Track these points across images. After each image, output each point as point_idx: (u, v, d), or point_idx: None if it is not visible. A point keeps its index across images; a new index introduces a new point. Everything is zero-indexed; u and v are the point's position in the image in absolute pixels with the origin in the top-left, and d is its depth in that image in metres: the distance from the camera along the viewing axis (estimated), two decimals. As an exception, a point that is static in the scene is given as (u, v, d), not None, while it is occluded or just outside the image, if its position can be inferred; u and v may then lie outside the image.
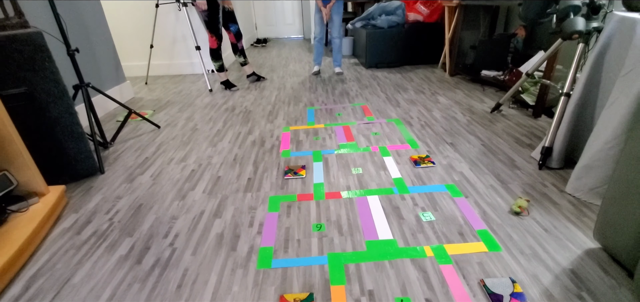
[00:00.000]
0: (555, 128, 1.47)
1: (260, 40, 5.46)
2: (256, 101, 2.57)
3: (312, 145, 1.79)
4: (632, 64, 1.14)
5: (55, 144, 1.43)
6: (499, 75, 2.62)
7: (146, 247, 1.12)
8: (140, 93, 2.93)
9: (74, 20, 2.19)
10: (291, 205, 1.30)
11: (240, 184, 1.46)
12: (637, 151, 0.87)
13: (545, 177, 1.42)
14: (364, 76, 3.18)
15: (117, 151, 1.82)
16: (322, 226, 1.18)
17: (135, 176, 1.56)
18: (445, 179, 1.43)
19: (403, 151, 1.69)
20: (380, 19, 3.40)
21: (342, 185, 1.42)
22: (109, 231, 1.20)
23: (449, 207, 1.25)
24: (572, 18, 1.35)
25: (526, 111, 2.12)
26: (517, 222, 1.16)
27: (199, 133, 2.01)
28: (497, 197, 1.30)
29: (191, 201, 1.35)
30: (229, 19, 2.76)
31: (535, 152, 1.58)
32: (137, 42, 3.34)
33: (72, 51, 1.64)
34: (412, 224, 1.16)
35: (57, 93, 1.37)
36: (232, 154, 1.73)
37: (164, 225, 1.22)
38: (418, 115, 2.14)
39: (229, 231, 1.17)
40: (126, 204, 1.35)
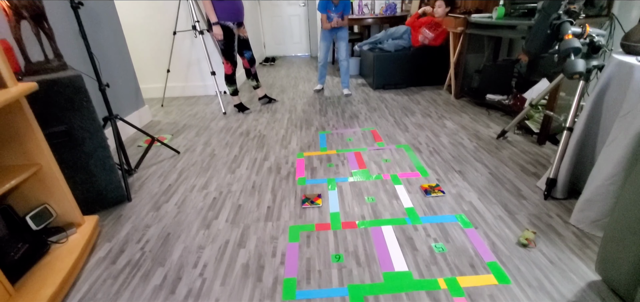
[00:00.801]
0: (559, 160, 1.55)
1: (269, 58, 5.62)
2: (269, 125, 2.68)
3: (326, 173, 1.88)
4: (630, 105, 1.23)
5: (89, 176, 1.53)
6: (503, 100, 2.71)
7: (178, 277, 1.20)
8: (157, 116, 3.05)
9: (99, 52, 2.32)
10: (310, 235, 1.38)
11: (260, 213, 1.54)
12: (632, 196, 0.95)
13: (550, 208, 1.49)
14: (372, 98, 3.28)
15: (141, 177, 1.92)
16: (340, 256, 1.26)
17: (160, 203, 1.66)
18: (455, 209, 1.51)
19: (414, 179, 1.77)
20: (387, 43, 3.53)
21: (357, 214, 1.50)
22: (142, 260, 1.29)
23: (460, 238, 1.32)
24: (573, 60, 1.44)
25: (531, 138, 2.20)
26: (524, 254, 1.23)
27: (217, 159, 2.11)
28: (505, 228, 1.37)
29: (216, 230, 1.44)
30: (243, 46, 2.89)
31: (541, 182, 1.66)
32: (154, 65, 3.48)
33: (103, 87, 1.76)
34: (425, 256, 1.24)
35: (92, 130, 1.48)
36: (250, 182, 1.82)
37: (192, 254, 1.30)
38: (426, 141, 2.23)
39: (254, 261, 1.25)
40: (155, 233, 1.44)
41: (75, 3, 1.53)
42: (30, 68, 1.40)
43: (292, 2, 5.78)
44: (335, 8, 3.15)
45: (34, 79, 1.34)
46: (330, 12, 3.17)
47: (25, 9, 1.32)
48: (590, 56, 1.56)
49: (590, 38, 1.55)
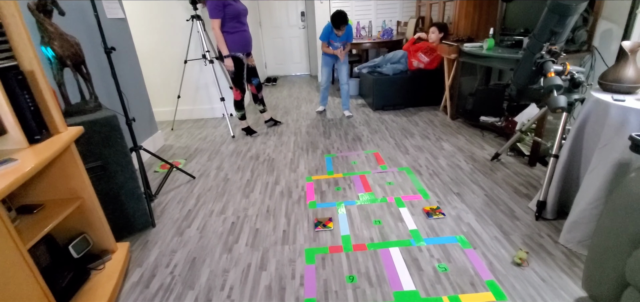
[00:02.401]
0: (548, 184, 1.71)
1: (271, 78, 5.82)
2: (277, 148, 2.83)
3: (335, 196, 2.02)
4: (607, 139, 1.40)
5: (120, 205, 1.66)
6: (496, 122, 2.90)
7: (208, 299, 1.33)
8: (169, 140, 3.19)
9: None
10: (325, 257, 1.52)
11: (277, 237, 1.68)
12: (608, 223, 1.11)
13: (541, 228, 1.64)
14: (373, 119, 3.46)
15: (161, 203, 2.05)
16: (354, 277, 1.39)
17: (183, 229, 1.78)
18: (455, 230, 1.66)
19: (416, 202, 1.92)
20: (386, 67, 3.73)
21: (366, 237, 1.64)
22: (173, 284, 1.41)
23: (460, 258, 1.47)
24: (556, 96, 1.62)
25: (522, 159, 2.37)
26: (519, 273, 1.38)
27: (231, 183, 2.25)
28: (500, 248, 1.52)
29: (237, 254, 1.57)
30: (251, 73, 3.07)
31: (532, 203, 1.82)
32: (165, 90, 3.64)
33: (129, 121, 1.91)
34: (430, 275, 1.38)
35: (124, 163, 1.62)
36: (264, 206, 1.96)
37: (218, 278, 1.43)
38: (426, 163, 2.39)
39: (276, 283, 1.38)
40: (182, 258, 1.56)
41: (108, 49, 1.69)
42: (70, 110, 1.55)
43: (292, 24, 6.03)
44: (339, 38, 3.35)
45: (75, 120, 1.48)
46: (333, 42, 3.37)
47: (70, 58, 1.47)
48: (571, 91, 1.75)
49: (571, 75, 1.74)
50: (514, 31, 2.76)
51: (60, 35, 1.51)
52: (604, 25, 2.17)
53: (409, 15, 4.99)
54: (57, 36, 1.49)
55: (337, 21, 3.21)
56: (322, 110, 3.86)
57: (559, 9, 1.62)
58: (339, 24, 3.22)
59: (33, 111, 1.21)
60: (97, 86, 2.14)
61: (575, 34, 2.14)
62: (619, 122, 1.37)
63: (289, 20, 6.00)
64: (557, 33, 1.70)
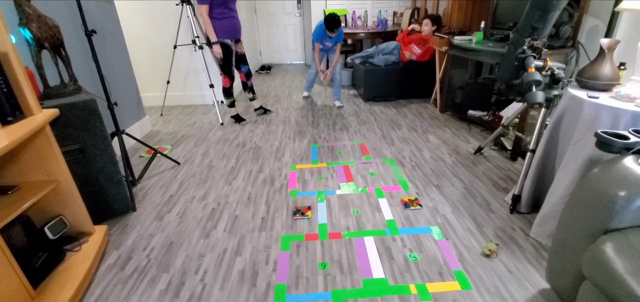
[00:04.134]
0: (523, 178, 1.74)
1: (265, 66, 5.78)
2: (264, 136, 2.84)
3: (316, 185, 2.04)
4: (580, 135, 1.42)
5: (99, 189, 1.67)
6: (483, 116, 2.91)
7: (181, 282, 1.35)
8: (157, 125, 3.19)
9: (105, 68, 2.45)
10: (300, 244, 1.55)
11: (255, 224, 1.70)
12: (569, 218, 1.13)
13: (514, 221, 1.67)
14: (362, 110, 3.46)
15: (144, 188, 2.07)
16: (326, 264, 1.42)
17: (163, 214, 1.81)
18: (430, 221, 1.68)
19: (395, 193, 1.94)
20: (378, 57, 3.72)
21: (343, 226, 1.67)
22: (148, 267, 1.44)
23: (432, 248, 1.50)
24: (534, 92, 1.63)
25: (505, 153, 2.40)
26: (487, 264, 1.41)
27: (215, 170, 2.27)
28: (472, 239, 1.55)
29: (214, 239, 1.59)
30: (240, 61, 3.05)
31: (508, 197, 1.84)
32: (154, 76, 3.62)
33: (111, 105, 1.90)
34: (400, 264, 1.41)
35: (103, 147, 1.63)
36: (246, 193, 1.98)
37: (193, 262, 1.46)
38: (410, 155, 2.41)
39: (249, 268, 1.41)
40: (159, 242, 1.59)
41: (88, 32, 1.68)
42: (48, 92, 1.54)
43: (287, 12, 5.96)
44: (331, 39, 3.38)
45: (53, 103, 1.48)
46: (326, 42, 3.42)
47: (47, 40, 1.46)
48: (551, 87, 1.76)
49: (551, 71, 1.74)
50: (504, 25, 2.75)
51: (39, 17, 1.49)
52: (590, 22, 2.17)
53: (405, 6, 4.94)
54: (35, 18, 1.48)
55: (331, 24, 3.20)
56: (307, 96, 3.98)
57: (541, 5, 1.61)
58: (332, 27, 3.22)
59: (6, 93, 1.21)
60: (82, 70, 2.13)
61: (559, 29, 2.14)
62: (591, 119, 1.38)
63: (284, 8, 5.93)
64: (539, 28, 1.70)
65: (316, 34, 3.40)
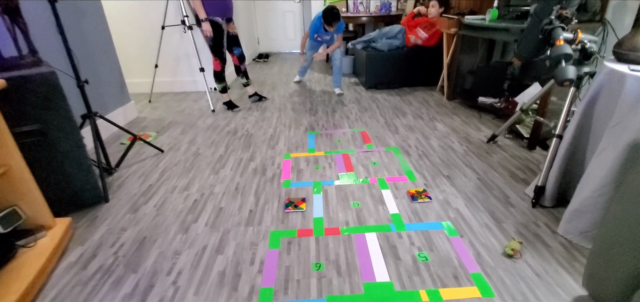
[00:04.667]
0: (548, 167, 1.52)
1: (263, 55, 5.54)
2: (257, 123, 2.62)
3: (313, 175, 1.83)
4: (620, 116, 1.20)
5: (64, 177, 1.47)
6: (495, 103, 2.68)
7: (150, 285, 1.15)
8: (143, 112, 2.98)
9: (83, 46, 2.24)
10: (291, 241, 1.34)
11: (242, 217, 1.50)
12: (620, 212, 0.92)
13: (538, 217, 1.46)
14: (364, 98, 3.24)
15: (121, 176, 1.86)
16: (321, 265, 1.22)
17: (139, 205, 1.60)
18: (441, 215, 1.47)
19: (401, 184, 1.73)
20: (381, 42, 3.48)
21: (341, 220, 1.46)
22: (114, 266, 1.24)
23: (444, 247, 1.29)
24: (564, 66, 1.41)
25: (521, 142, 2.18)
26: (510, 266, 1.20)
27: (201, 158, 2.06)
28: (491, 237, 1.34)
29: (194, 234, 1.39)
30: (232, 42, 2.83)
31: (529, 189, 1.63)
32: (142, 60, 3.40)
33: (81, 83, 1.69)
34: (408, 266, 1.20)
35: (68, 129, 1.42)
36: (233, 183, 1.77)
37: (167, 260, 1.25)
38: (416, 144, 2.19)
39: (231, 268, 1.21)
40: (131, 237, 1.39)
41: (50, -4, 1.46)
42: (2, 64, 1.33)
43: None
44: (327, 33, 3.20)
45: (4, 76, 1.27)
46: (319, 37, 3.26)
47: None
48: (581, 63, 1.53)
49: (581, 44, 1.51)
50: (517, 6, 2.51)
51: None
52: (619, -5, 1.93)
53: (409, -10, 4.69)
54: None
55: (329, 18, 3.00)
56: (299, 81, 3.91)
57: (573, -36, 1.39)
58: (330, 20, 3.01)
59: None
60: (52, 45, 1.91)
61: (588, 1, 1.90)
62: (636, 97, 1.16)
63: (283, -7, 5.68)
64: (569, -6, 1.47)
65: (313, 28, 3.22)
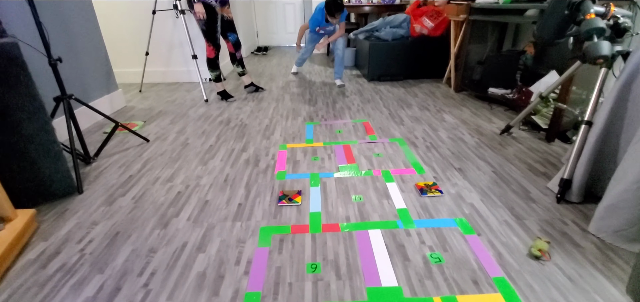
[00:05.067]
0: (576, 158, 1.35)
1: (261, 48, 5.38)
2: (253, 114, 2.46)
3: (310, 167, 1.67)
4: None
5: (29, 164, 1.30)
6: (507, 94, 2.51)
7: (117, 287, 0.99)
8: (132, 101, 2.82)
9: (60, 24, 2.08)
10: (284, 238, 1.17)
11: (229, 211, 1.33)
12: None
13: (564, 213, 1.29)
14: (366, 89, 3.07)
15: (100, 166, 1.70)
16: (317, 266, 1.05)
17: (116, 197, 1.44)
18: (454, 211, 1.30)
19: (408, 176, 1.56)
20: (385, 31, 3.31)
21: (341, 215, 1.29)
22: (79, 265, 1.07)
23: (460, 247, 1.12)
24: (597, 42, 1.24)
25: (538, 134, 2.00)
26: (537, 269, 1.03)
27: (189, 148, 1.89)
28: (512, 235, 1.17)
29: (174, 230, 1.22)
30: (228, 28, 2.66)
31: (552, 183, 1.46)
32: (133, 48, 3.24)
33: (54, 61, 1.53)
34: (419, 268, 1.03)
35: (32, 109, 1.25)
36: (223, 174, 1.60)
37: (140, 259, 1.09)
38: (423, 135, 2.02)
39: (213, 269, 1.04)
40: (102, 232, 1.22)
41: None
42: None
43: (287, -10, 5.54)
44: (329, 24, 3.05)
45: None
46: (320, 30, 3.11)
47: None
48: (613, 40, 1.36)
49: (614, 19, 1.34)
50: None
51: None
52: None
53: (413, -20, 4.51)
54: None
55: (332, 8, 2.82)
56: (296, 72, 3.75)
57: None
58: (333, 11, 2.84)
59: None
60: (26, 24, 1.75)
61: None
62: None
63: (283, -15, 5.51)
64: (602, -39, 1.30)
65: (314, 20, 3.05)
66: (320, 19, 3.04)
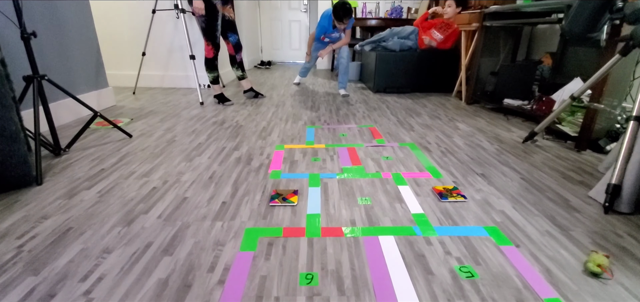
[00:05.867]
0: (625, 161, 1.13)
1: (264, 62, 5.31)
2: (250, 116, 2.27)
3: (309, 167, 1.45)
4: None
5: (-25, 142, 1.10)
6: (524, 105, 2.32)
7: (50, 294, 0.75)
8: (124, 102, 2.65)
9: (53, 13, 1.95)
10: (274, 242, 0.94)
11: (210, 209, 1.10)
12: None
13: (616, 225, 1.06)
14: (372, 99, 2.90)
15: (70, 159, 1.49)
16: (314, 276, 0.81)
17: (79, 190, 1.22)
18: (483, 219, 1.07)
19: (423, 180, 1.34)
20: (392, 41, 3.19)
21: (345, 218, 1.06)
22: (10, 264, 0.84)
23: (496, 259, 0.88)
24: (649, 20, 1.06)
25: (564, 143, 1.79)
26: (599, 289, 0.79)
27: (175, 145, 1.69)
28: (559, 248, 0.94)
29: (139, 228, 1.00)
30: (228, 28, 2.54)
31: (595, 192, 1.23)
32: (133, 51, 3.12)
33: (27, 35, 1.37)
34: (446, 284, 0.80)
35: (-18, 76, 1.07)
36: (208, 172, 1.39)
37: (88, 261, 0.86)
38: (436, 141, 1.81)
39: (178, 276, 0.81)
40: (50, 227, 1.00)
41: None
42: None
43: (293, 7, 5.55)
44: (336, 31, 2.97)
45: None
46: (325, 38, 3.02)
47: None
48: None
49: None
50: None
51: None
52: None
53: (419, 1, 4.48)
54: None
55: (340, 13, 2.73)
56: (299, 83, 3.63)
57: None
58: (342, 16, 2.74)
59: None
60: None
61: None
62: None
63: (290, 2, 5.52)
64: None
65: (320, 28, 2.95)
66: (327, 26, 2.93)
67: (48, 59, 1.93)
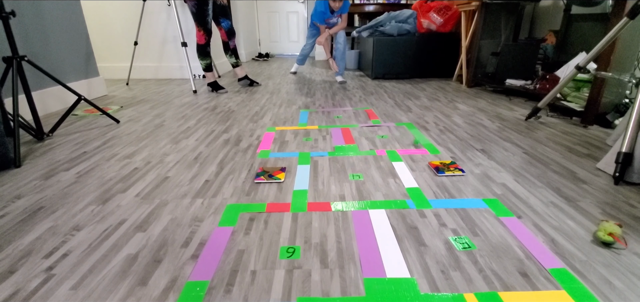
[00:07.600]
0: (636, 128, 1.05)
1: (262, 54, 5.24)
2: (243, 103, 2.21)
3: (300, 147, 1.39)
4: None
5: (-56, 121, 1.05)
6: (527, 84, 2.23)
7: (10, 270, 0.69)
8: (116, 92, 2.60)
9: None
10: (256, 217, 0.88)
11: (191, 188, 1.04)
12: None
13: (628, 195, 0.98)
14: (370, 85, 2.83)
15: (53, 144, 1.44)
16: (296, 250, 0.75)
17: (57, 172, 1.17)
18: (482, 191, 1.00)
19: (419, 156, 1.27)
20: (390, 25, 3.10)
21: (334, 194, 1.00)
22: (-28, 244, 0.79)
23: (495, 230, 0.81)
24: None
25: (570, 120, 1.71)
26: (612, 259, 0.71)
27: (163, 129, 1.63)
28: (566, 218, 0.86)
29: (114, 206, 0.94)
30: (220, 13, 2.48)
31: (603, 163, 1.15)
32: (125, 42, 3.07)
33: (5, 14, 1.31)
34: (440, 254, 0.73)
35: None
36: (194, 153, 1.33)
37: (56, 238, 0.80)
38: (435, 121, 1.74)
39: (149, 252, 0.75)
40: (21, 207, 0.94)
41: None
42: None
43: (290, -2, 5.46)
44: (334, 14, 2.88)
45: None
46: (329, 20, 2.91)
47: None
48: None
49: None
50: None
51: None
52: None
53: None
54: None
55: None
56: (295, 72, 3.57)
57: None
58: None
59: None
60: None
61: None
62: None
63: (286, -7, 5.44)
64: None
65: (318, 14, 2.86)
66: (325, 10, 2.84)
67: (34, 45, 1.88)
